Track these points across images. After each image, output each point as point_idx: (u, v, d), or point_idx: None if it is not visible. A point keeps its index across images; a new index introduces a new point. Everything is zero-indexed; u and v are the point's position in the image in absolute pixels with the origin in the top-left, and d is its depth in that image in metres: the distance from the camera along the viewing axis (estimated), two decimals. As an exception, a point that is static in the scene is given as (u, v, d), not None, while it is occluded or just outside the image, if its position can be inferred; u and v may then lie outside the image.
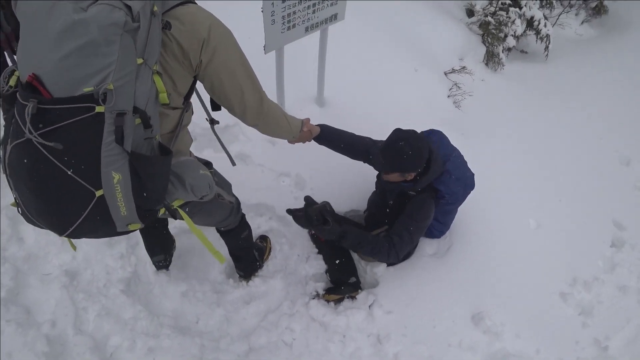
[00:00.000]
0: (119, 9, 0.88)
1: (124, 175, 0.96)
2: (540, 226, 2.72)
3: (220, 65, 1.15)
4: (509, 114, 4.00)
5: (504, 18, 4.83)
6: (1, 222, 2.32)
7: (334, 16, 2.33)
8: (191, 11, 1.08)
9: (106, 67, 0.90)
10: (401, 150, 1.72)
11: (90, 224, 1.00)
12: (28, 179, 0.97)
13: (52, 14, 0.89)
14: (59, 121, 0.90)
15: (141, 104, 0.98)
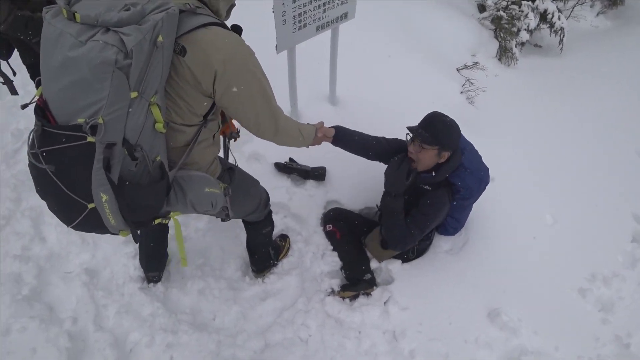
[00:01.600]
0: (112, 45, 0.91)
1: (110, 197, 1.04)
2: (557, 221, 2.69)
3: (235, 97, 1.16)
4: (524, 108, 3.95)
5: (516, 12, 4.77)
6: (24, 224, 2.40)
7: (344, 15, 2.34)
8: (209, 38, 1.07)
9: (97, 101, 0.95)
10: (449, 122, 1.80)
11: (87, 225, 1.13)
12: (36, 185, 1.13)
13: (56, 45, 0.96)
14: (57, 144, 1.00)
15: (132, 136, 1.04)
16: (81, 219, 1.09)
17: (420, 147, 1.81)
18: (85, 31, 0.93)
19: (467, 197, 2.00)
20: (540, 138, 3.51)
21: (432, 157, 1.83)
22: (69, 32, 0.93)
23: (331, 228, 2.21)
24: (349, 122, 2.69)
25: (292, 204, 2.39)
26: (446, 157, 1.84)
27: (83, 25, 0.93)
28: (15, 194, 2.56)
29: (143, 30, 0.93)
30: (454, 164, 1.88)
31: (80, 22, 0.93)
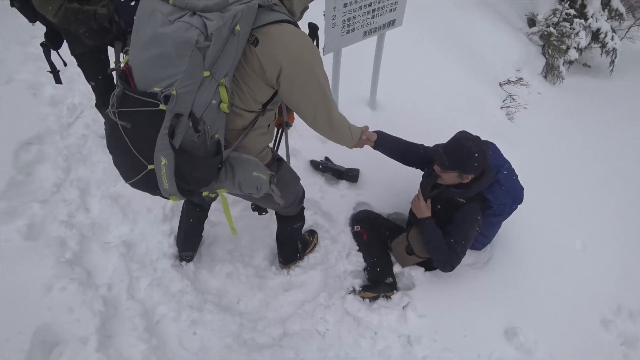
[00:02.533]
0: (195, 27, 1.01)
1: (169, 161, 1.14)
2: (587, 248, 2.65)
3: (295, 93, 1.26)
4: (564, 128, 3.87)
5: (567, 29, 4.63)
6: (72, 193, 2.57)
7: (392, 22, 2.38)
8: (281, 33, 1.15)
9: (174, 75, 1.06)
10: (469, 150, 1.78)
11: (143, 184, 1.23)
12: (108, 140, 1.27)
13: (149, 21, 1.07)
14: (134, 106, 1.12)
15: (198, 111, 1.14)
16: (139, 178, 1.20)
17: (442, 170, 1.89)
18: (175, 12, 1.03)
19: (498, 214, 2.00)
20: (579, 161, 3.43)
21: (454, 178, 1.88)
22: (161, 11, 1.04)
23: (359, 229, 2.27)
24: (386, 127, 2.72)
25: (323, 202, 2.45)
26: (470, 179, 1.87)
27: (174, 7, 1.04)
28: (66, 164, 2.74)
29: (224, 17, 1.02)
30: (487, 182, 1.90)
31: (172, 4, 1.04)
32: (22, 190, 2.60)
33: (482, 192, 1.94)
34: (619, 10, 5.20)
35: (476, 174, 1.87)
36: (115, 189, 2.58)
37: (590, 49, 5.28)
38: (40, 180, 2.68)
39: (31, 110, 3.16)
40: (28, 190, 2.61)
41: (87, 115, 3.08)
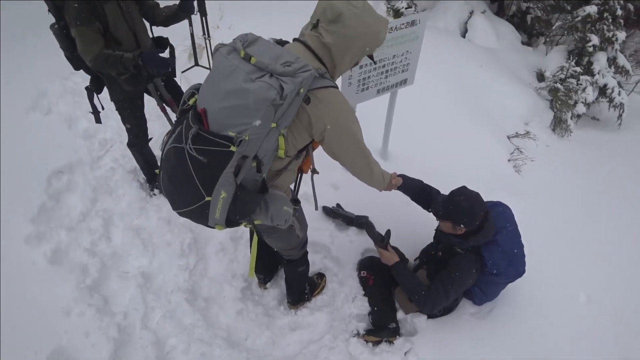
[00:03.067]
0: (274, 88, 1.19)
1: (228, 195, 1.30)
2: (592, 301, 2.64)
3: (336, 146, 1.46)
4: (571, 181, 3.92)
5: (573, 85, 4.80)
6: (97, 222, 2.73)
7: (404, 81, 2.58)
8: (329, 98, 1.34)
9: (248, 124, 1.24)
10: (458, 204, 1.95)
11: (193, 213, 1.39)
12: (170, 170, 1.41)
13: (231, 75, 1.25)
14: (206, 145, 1.28)
15: (261, 154, 1.32)
16: (194, 207, 1.36)
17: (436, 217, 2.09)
18: (256, 72, 1.22)
19: (494, 273, 2.08)
20: (584, 213, 3.46)
21: (449, 228, 2.04)
22: (244, 69, 1.23)
23: (365, 274, 2.36)
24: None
25: (333, 246, 2.56)
26: (463, 230, 2.00)
27: (255, 67, 1.23)
28: (93, 194, 2.93)
29: (296, 82, 1.21)
30: (484, 238, 2.01)
31: (254, 64, 1.23)
32: (51, 216, 2.79)
33: (479, 247, 2.04)
34: (625, 67, 5.38)
35: (469, 228, 1.98)
36: (137, 221, 2.74)
37: (598, 102, 5.42)
38: (69, 207, 2.87)
39: (65, 141, 3.40)
40: (56, 217, 2.79)
41: (117, 150, 3.29)
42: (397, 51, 2.37)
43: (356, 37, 1.34)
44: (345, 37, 1.33)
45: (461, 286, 2.09)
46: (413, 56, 2.49)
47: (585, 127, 5.29)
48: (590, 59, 5.20)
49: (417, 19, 2.30)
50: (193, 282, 2.43)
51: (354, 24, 1.32)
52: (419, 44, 2.46)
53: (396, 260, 2.13)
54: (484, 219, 2.00)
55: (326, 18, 1.34)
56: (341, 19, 1.31)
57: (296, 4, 5.54)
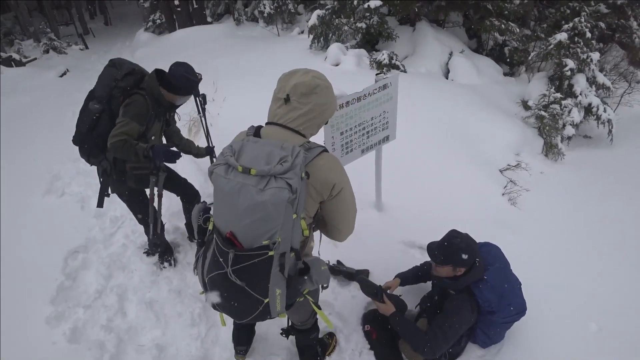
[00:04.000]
0: (285, 188, 1.29)
1: (282, 290, 1.43)
2: (602, 329, 2.61)
3: (339, 201, 1.57)
4: (570, 205, 3.92)
5: (558, 110, 4.95)
6: (112, 299, 2.88)
7: (386, 138, 2.76)
8: (322, 163, 1.46)
9: (274, 227, 1.34)
10: (457, 246, 2.09)
11: (258, 316, 1.48)
12: (224, 292, 1.49)
13: (240, 193, 1.34)
14: (247, 261, 1.38)
15: (296, 245, 1.44)
16: (257, 313, 1.46)
17: (437, 265, 2.19)
18: (261, 181, 1.31)
19: (490, 312, 2.15)
20: (587, 239, 3.44)
21: (449, 272, 2.15)
22: (250, 184, 1.31)
23: (369, 328, 2.42)
24: (394, 227, 2.97)
25: (336, 303, 2.64)
26: (462, 271, 2.13)
27: (257, 176, 1.32)
28: (107, 271, 3.09)
29: (297, 173, 1.32)
30: (474, 277, 2.12)
31: (255, 175, 1.32)
32: (69, 295, 2.94)
33: (470, 286, 2.14)
34: (605, 84, 5.55)
35: (467, 267, 2.11)
36: (150, 294, 2.88)
37: (587, 121, 5.54)
38: (85, 285, 3.03)
39: (79, 221, 3.63)
40: (74, 295, 2.94)
41: (127, 226, 3.50)
42: (374, 113, 2.56)
43: (328, 104, 1.53)
44: (320, 105, 1.50)
45: (459, 327, 2.13)
46: (391, 114, 2.69)
47: (579, 147, 5.35)
48: (570, 81, 5.40)
49: (388, 82, 2.52)
50: (205, 350, 2.51)
51: (326, 94, 1.51)
52: (394, 103, 2.66)
53: (392, 311, 2.20)
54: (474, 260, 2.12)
55: (298, 92, 1.47)
56: (315, 91, 1.47)
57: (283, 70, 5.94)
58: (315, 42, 6.87)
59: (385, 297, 2.26)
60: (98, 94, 2.44)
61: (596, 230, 3.59)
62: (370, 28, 6.51)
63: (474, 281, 2.14)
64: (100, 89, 2.43)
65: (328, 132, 2.36)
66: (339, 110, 2.32)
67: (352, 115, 2.42)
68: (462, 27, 7.34)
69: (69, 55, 11.62)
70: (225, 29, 10.36)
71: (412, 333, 2.13)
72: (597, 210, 3.89)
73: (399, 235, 2.79)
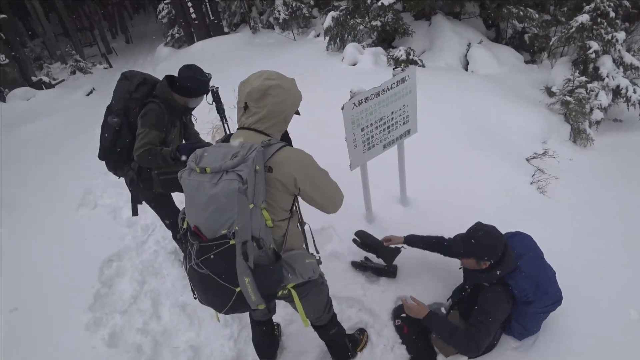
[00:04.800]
0: (235, 180, 1.41)
1: (250, 278, 1.49)
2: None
3: (312, 187, 1.64)
4: (601, 192, 3.81)
5: (583, 95, 4.79)
6: (146, 303, 2.97)
7: (407, 132, 2.74)
8: (284, 157, 1.57)
9: (232, 217, 1.44)
10: (479, 240, 2.05)
11: (235, 306, 1.55)
12: (199, 284, 1.58)
13: (199, 190, 1.48)
14: (211, 251, 1.48)
15: (256, 233, 1.50)
16: (232, 302, 1.52)
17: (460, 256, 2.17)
18: (214, 177, 1.44)
19: (526, 302, 2.09)
20: (621, 224, 3.34)
21: (473, 264, 2.11)
22: (205, 181, 1.46)
23: (400, 322, 2.40)
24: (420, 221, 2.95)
25: (366, 299, 2.63)
26: (487, 265, 2.08)
27: (211, 173, 1.45)
28: (141, 277, 3.20)
29: (249, 165, 1.43)
30: (508, 268, 2.06)
31: (209, 172, 1.45)
32: (105, 302, 3.06)
33: (504, 278, 2.08)
34: (633, 64, 5.33)
35: (492, 261, 2.06)
36: (182, 298, 2.95)
37: (617, 104, 5.33)
38: (120, 292, 3.14)
39: (112, 231, 3.76)
40: (110, 302, 3.06)
41: (158, 233, 3.60)
42: (394, 108, 2.55)
43: (285, 100, 1.62)
44: (277, 104, 1.60)
45: (498, 319, 2.10)
46: (411, 108, 2.67)
47: (609, 131, 5.17)
48: (595, 64, 5.22)
49: (405, 76, 2.51)
50: (238, 350, 2.55)
51: (279, 92, 1.60)
52: (414, 96, 2.64)
53: (427, 313, 2.15)
54: (504, 249, 2.07)
55: (253, 98, 1.59)
56: (268, 92, 1.58)
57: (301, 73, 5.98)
58: (331, 43, 6.91)
59: (414, 298, 2.24)
60: (115, 107, 2.53)
61: (630, 215, 3.47)
62: (385, 25, 6.50)
63: (508, 272, 2.09)
64: (116, 103, 2.52)
65: (349, 128, 2.37)
66: (358, 106, 2.33)
67: (372, 110, 2.42)
68: (479, 18, 7.21)
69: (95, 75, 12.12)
70: (242, 38, 10.55)
71: (452, 333, 2.07)
72: (630, 195, 3.77)
73: (426, 229, 2.74)
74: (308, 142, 2.29)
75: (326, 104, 3.59)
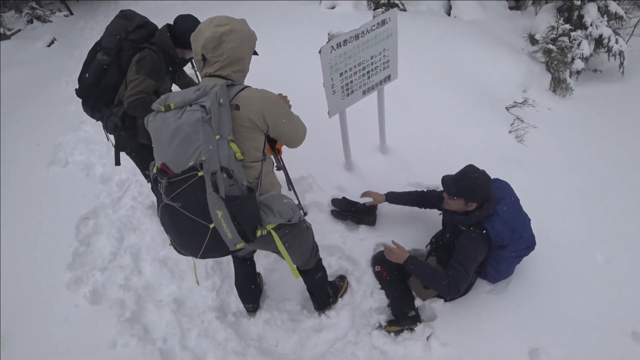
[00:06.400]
0: (197, 110, 1.41)
1: (224, 212, 1.43)
2: (610, 261, 2.66)
3: (278, 121, 1.65)
4: (577, 142, 3.89)
5: (566, 43, 4.74)
6: (127, 259, 2.94)
7: (387, 77, 2.65)
8: (248, 95, 1.57)
9: (198, 147, 1.42)
10: (474, 181, 2.07)
11: (211, 246, 1.49)
12: (171, 226, 1.53)
13: (163, 126, 1.48)
14: (181, 186, 1.45)
15: (225, 163, 1.47)
16: (207, 242, 1.47)
17: (449, 197, 2.14)
18: (178, 111, 1.45)
19: (501, 245, 2.15)
20: (594, 173, 3.45)
21: (461, 206, 2.12)
22: (170, 116, 1.46)
23: (379, 269, 2.46)
24: (399, 169, 2.94)
25: (345, 246, 2.67)
26: (474, 206, 2.10)
27: (176, 108, 1.46)
28: (119, 234, 3.14)
29: (211, 96, 1.43)
30: (486, 211, 2.10)
31: (174, 108, 1.46)
32: (85, 260, 3.02)
33: (481, 221, 2.12)
34: (618, 13, 5.26)
35: (480, 202, 2.08)
36: (163, 252, 2.93)
37: (598, 54, 5.31)
38: (99, 249, 3.10)
39: (86, 188, 3.64)
40: (89, 260, 3.02)
41: (134, 188, 3.51)
42: (374, 52, 2.44)
43: (241, 43, 1.60)
44: (234, 49, 1.59)
45: (476, 260, 2.14)
46: (391, 52, 2.56)
47: (588, 81, 5.19)
48: (580, 12, 5.12)
49: (386, 17, 2.38)
50: (221, 300, 2.59)
51: (233, 37, 1.58)
52: (395, 39, 2.53)
53: (407, 256, 2.17)
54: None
55: (209, 49, 1.58)
56: (222, 39, 1.56)
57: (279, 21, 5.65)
58: (308, -14, 6.52)
59: (395, 243, 2.26)
60: (106, 45, 2.36)
61: (605, 166, 3.57)
62: (366, -33, 6.13)
63: (486, 216, 2.12)
64: (108, 41, 2.35)
65: (327, 73, 2.26)
66: (336, 49, 2.21)
67: (351, 54, 2.31)
68: (463, -39, 6.88)
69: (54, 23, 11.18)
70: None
71: (432, 275, 2.10)
72: (606, 146, 3.85)
73: (406, 177, 2.77)
74: (284, 87, 2.20)
75: (303, 48, 3.45)
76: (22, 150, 4.50)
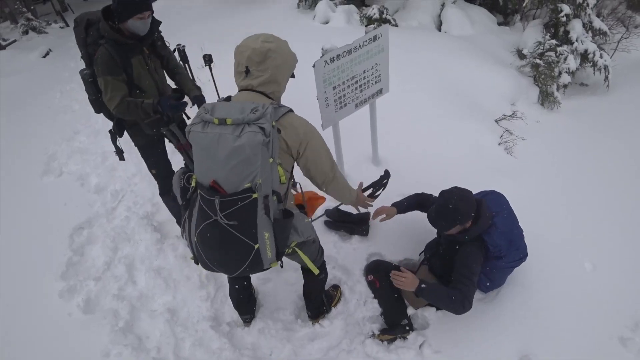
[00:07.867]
0: (259, 132, 1.41)
1: (270, 233, 1.53)
2: (597, 268, 2.70)
3: (311, 154, 1.68)
4: (565, 153, 3.95)
5: (553, 58, 4.88)
6: (120, 269, 2.94)
7: (379, 91, 2.73)
8: (291, 120, 1.60)
9: (255, 170, 1.45)
10: (454, 208, 2.06)
11: (252, 266, 1.56)
12: (215, 243, 1.56)
13: (220, 142, 1.44)
14: (234, 206, 1.48)
15: (275, 187, 1.54)
16: (250, 261, 1.53)
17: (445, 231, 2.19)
18: (236, 129, 1.42)
19: (498, 256, 2.19)
20: (581, 183, 3.50)
21: (459, 229, 2.15)
22: (227, 132, 1.43)
23: (372, 278, 2.49)
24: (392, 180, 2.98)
25: (339, 256, 2.71)
26: (470, 224, 2.13)
27: (233, 125, 1.43)
28: (113, 244, 3.15)
29: (269, 120, 1.44)
30: (482, 226, 2.13)
31: (231, 124, 1.43)
32: (79, 269, 3.02)
33: (481, 234, 2.15)
34: (602, 29, 5.43)
35: (471, 218, 2.12)
36: (157, 262, 2.94)
37: (584, 68, 5.46)
38: (93, 259, 3.10)
39: (80, 198, 3.66)
40: (83, 269, 3.02)
41: (128, 198, 3.53)
42: (366, 66, 2.52)
43: (284, 63, 1.63)
44: (278, 67, 1.61)
45: (478, 272, 2.15)
46: (383, 67, 2.65)
47: (575, 95, 5.31)
48: (566, 28, 5.28)
49: (378, 33, 2.46)
50: (215, 310, 2.60)
51: (278, 55, 1.60)
52: (386, 55, 2.61)
53: (417, 284, 2.06)
54: (478, 207, 2.13)
55: (254, 62, 1.58)
56: (268, 55, 1.57)
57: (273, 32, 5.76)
58: (302, 0, 6.68)
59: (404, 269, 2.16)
60: (83, 58, 2.39)
61: (592, 175, 3.63)
62: (358, -17, 6.30)
63: (485, 229, 2.15)
64: (82, 54, 2.37)
65: (321, 87, 2.33)
66: (329, 64, 2.29)
67: (344, 68, 2.38)
68: (453, -22, 7.07)
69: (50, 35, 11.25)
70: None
71: (446, 298, 2.04)
72: (592, 156, 3.92)
73: (398, 187, 2.81)
74: (279, 101, 2.25)
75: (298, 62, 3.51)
76: (17, 159, 4.50)
